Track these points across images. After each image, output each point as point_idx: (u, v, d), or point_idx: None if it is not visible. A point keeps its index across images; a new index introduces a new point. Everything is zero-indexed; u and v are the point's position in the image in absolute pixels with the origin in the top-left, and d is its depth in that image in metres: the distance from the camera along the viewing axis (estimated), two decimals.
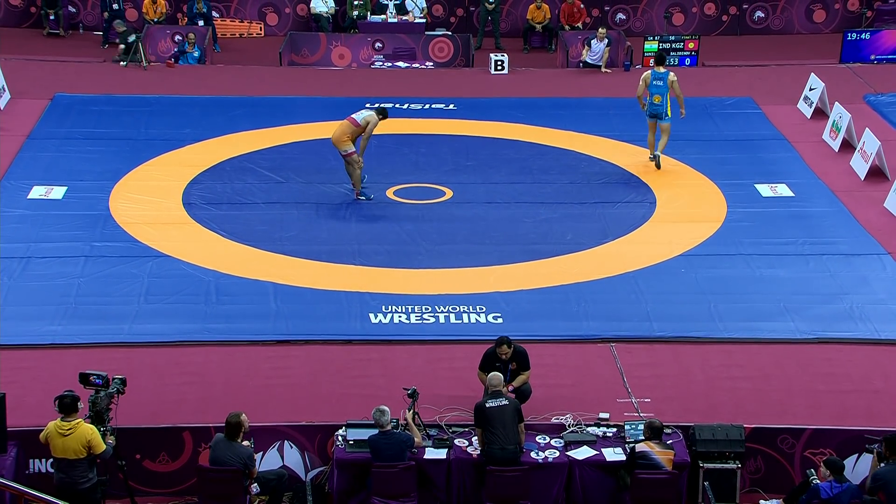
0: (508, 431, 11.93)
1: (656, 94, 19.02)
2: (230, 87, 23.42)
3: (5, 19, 27.67)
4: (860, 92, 23.02)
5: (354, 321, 14.76)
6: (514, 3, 28.04)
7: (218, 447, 11.79)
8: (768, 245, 16.87)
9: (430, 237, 17.14)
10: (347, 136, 17.65)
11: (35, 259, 16.04)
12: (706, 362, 14.05)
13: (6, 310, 14.81)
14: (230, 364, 13.84)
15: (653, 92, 19.08)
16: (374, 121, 17.77)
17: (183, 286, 15.49)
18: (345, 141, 17.64)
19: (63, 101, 22.13)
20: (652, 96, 19.10)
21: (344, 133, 17.66)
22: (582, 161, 19.94)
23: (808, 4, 28.55)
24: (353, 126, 17.73)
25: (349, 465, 12.15)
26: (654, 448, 12.04)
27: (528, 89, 23.73)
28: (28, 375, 13.40)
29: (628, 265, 16.25)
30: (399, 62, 25.74)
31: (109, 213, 17.50)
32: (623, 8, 28.37)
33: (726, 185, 18.85)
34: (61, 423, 11.40)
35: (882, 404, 13.21)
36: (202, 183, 18.73)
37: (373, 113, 17.88)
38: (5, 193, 18.04)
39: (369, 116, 17.78)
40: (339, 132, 17.70)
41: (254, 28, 28.03)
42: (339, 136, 17.68)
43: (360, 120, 17.75)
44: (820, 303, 15.31)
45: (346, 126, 17.73)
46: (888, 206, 17.93)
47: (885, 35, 25.96)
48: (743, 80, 24.21)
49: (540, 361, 13.45)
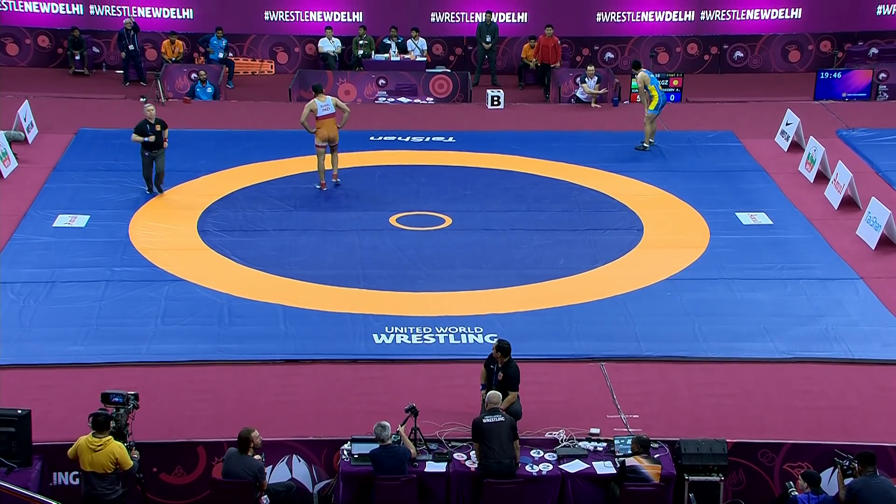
0: (504, 446, 11.89)
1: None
2: (243, 121, 23.43)
3: (34, 60, 27.75)
4: (833, 127, 23.04)
5: (359, 341, 14.71)
6: (510, 42, 28.09)
7: (230, 461, 11.75)
8: (749, 270, 16.83)
9: (430, 262, 17.10)
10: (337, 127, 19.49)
11: (59, 283, 16.01)
12: (691, 380, 14.00)
13: (32, 331, 14.79)
14: (242, 382, 13.78)
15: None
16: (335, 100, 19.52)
17: (197, 308, 15.45)
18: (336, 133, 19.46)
19: (87, 135, 22.13)
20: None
21: (332, 126, 19.32)
22: (573, 190, 19.93)
23: (784, 45, 28.63)
24: (335, 119, 19.36)
25: (354, 477, 12.09)
26: (642, 462, 12.00)
27: (522, 123, 23.74)
28: (52, 393, 13.35)
29: (617, 288, 16.22)
30: (401, 98, 25.76)
31: (129, 240, 17.48)
32: (612, 47, 28.43)
33: (709, 214, 18.83)
34: (92, 438, 11.40)
35: (856, 420, 13.17)
36: (216, 211, 18.71)
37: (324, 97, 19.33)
38: (32, 222, 18.03)
39: (334, 101, 19.43)
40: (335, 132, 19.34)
41: (265, 66, 28.08)
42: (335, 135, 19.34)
43: (333, 109, 19.37)
44: (797, 324, 15.27)
45: (332, 122, 19.30)
46: (860, 233, 17.91)
47: (855, 74, 26.03)
48: (724, 115, 24.23)
49: (534, 379, 13.42)
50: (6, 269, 16.37)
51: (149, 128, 18.72)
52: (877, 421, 13.14)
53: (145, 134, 18.72)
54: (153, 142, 18.72)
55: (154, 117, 18.82)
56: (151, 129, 18.73)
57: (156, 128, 18.75)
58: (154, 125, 18.74)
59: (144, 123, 18.75)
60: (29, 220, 18.05)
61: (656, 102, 21.44)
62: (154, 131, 18.73)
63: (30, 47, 27.76)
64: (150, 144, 18.74)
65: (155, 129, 18.73)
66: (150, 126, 18.74)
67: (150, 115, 18.82)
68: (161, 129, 18.85)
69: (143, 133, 18.73)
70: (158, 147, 18.84)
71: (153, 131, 18.74)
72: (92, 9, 27.92)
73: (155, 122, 18.77)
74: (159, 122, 18.88)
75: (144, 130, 18.72)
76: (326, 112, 19.21)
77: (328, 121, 19.20)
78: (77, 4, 27.92)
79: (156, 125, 18.76)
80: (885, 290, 16.15)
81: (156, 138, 18.75)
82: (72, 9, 27.91)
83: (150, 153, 18.84)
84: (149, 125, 18.73)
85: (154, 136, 18.70)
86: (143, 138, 18.70)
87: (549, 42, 26.13)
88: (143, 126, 18.75)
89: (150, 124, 18.74)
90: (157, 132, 18.77)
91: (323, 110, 19.20)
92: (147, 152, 18.83)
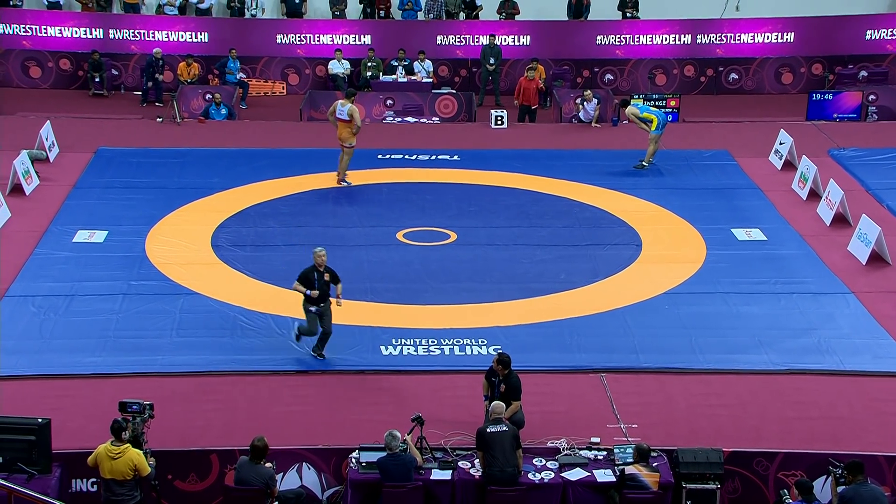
0: (507, 455, 11.85)
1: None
2: (255, 140, 23.44)
3: (56, 82, 27.81)
4: (825, 146, 23.01)
5: (367, 353, 14.69)
6: (513, 64, 28.12)
7: (242, 468, 11.73)
8: (744, 284, 16.80)
9: (436, 276, 17.09)
10: (348, 131, 19.83)
11: (78, 297, 16.01)
12: (688, 391, 13.96)
13: (52, 343, 14.79)
14: (253, 392, 13.77)
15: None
16: (354, 109, 19.79)
17: (211, 321, 15.44)
18: (346, 137, 19.89)
19: (105, 154, 22.14)
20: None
21: (344, 129, 19.86)
22: (574, 207, 19.91)
23: (777, 68, 28.64)
24: (346, 123, 19.76)
25: (362, 485, 12.06)
26: (641, 470, 11.97)
27: (525, 142, 23.74)
28: (71, 402, 13.34)
29: (617, 302, 16.19)
30: (408, 117, 25.79)
31: (145, 255, 17.48)
32: (611, 69, 28.46)
33: (705, 230, 18.81)
34: (111, 446, 11.40)
35: (846, 430, 13.14)
36: (229, 227, 18.71)
37: (346, 103, 19.91)
38: (53, 237, 18.04)
39: (350, 110, 19.74)
40: (346, 133, 19.85)
41: (277, 87, 28.13)
42: (347, 136, 19.89)
43: (346, 114, 19.74)
44: (791, 337, 15.24)
45: (343, 125, 19.86)
46: (851, 249, 17.87)
47: (845, 96, 26.01)
48: (719, 134, 24.21)
49: (536, 390, 13.39)
50: (28, 283, 16.39)
51: (316, 277, 14.28)
52: (867, 431, 13.10)
53: (310, 285, 14.20)
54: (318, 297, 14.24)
55: (324, 264, 14.30)
56: (319, 280, 14.27)
57: (325, 277, 14.31)
58: (323, 273, 14.29)
59: (312, 270, 14.25)
60: (50, 236, 18.06)
61: (656, 123, 21.48)
62: (322, 282, 14.27)
63: (52, 70, 27.83)
64: (316, 299, 14.28)
65: (324, 279, 14.29)
66: (319, 274, 14.29)
67: (319, 262, 14.29)
68: (331, 280, 14.34)
69: (307, 283, 14.20)
70: (325, 300, 14.35)
71: (321, 282, 14.27)
72: (111, 33, 27.98)
73: (324, 269, 14.33)
74: (329, 270, 14.33)
75: (310, 280, 14.24)
76: (341, 116, 19.94)
77: (340, 124, 19.97)
78: (97, 29, 27.98)
79: (324, 273, 14.30)
80: (875, 304, 16.12)
81: (322, 291, 14.25)
82: (92, 33, 27.96)
83: (317, 308, 14.31)
84: (316, 273, 14.28)
85: (319, 291, 14.22)
86: (306, 291, 14.19)
87: (530, 85, 25.30)
88: (308, 274, 14.26)
89: (319, 272, 14.30)
90: (326, 282, 14.29)
91: (339, 113, 19.95)
92: (313, 307, 14.32)
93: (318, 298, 14.23)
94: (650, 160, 21.66)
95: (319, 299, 14.23)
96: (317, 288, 14.16)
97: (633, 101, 23.11)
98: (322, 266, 14.27)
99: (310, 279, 14.20)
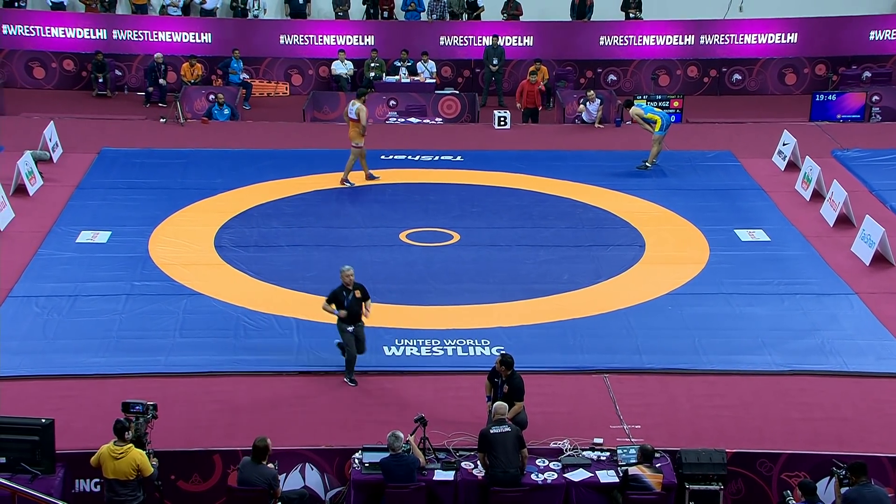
0: (510, 455, 11.83)
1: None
2: (258, 141, 23.43)
3: (60, 83, 27.84)
4: (828, 147, 22.98)
5: (370, 354, 14.62)
6: (516, 65, 28.10)
7: (245, 469, 11.72)
8: (747, 285, 16.77)
9: (439, 277, 17.07)
10: (355, 131, 19.95)
11: (82, 297, 16.00)
12: (691, 392, 13.93)
13: (56, 343, 14.79)
14: (256, 393, 13.75)
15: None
16: (362, 108, 19.84)
17: (214, 321, 15.43)
18: (354, 137, 19.99)
19: (109, 154, 22.14)
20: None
21: (352, 129, 20.01)
22: (577, 208, 19.89)
23: (781, 69, 28.61)
24: (355, 123, 19.86)
25: (365, 485, 12.04)
26: (645, 471, 11.94)
27: (528, 143, 23.72)
28: (74, 403, 13.33)
29: (620, 303, 16.16)
30: (411, 118, 25.78)
31: (148, 256, 17.47)
32: (615, 70, 28.44)
33: (708, 231, 18.78)
34: (114, 447, 11.41)
35: (850, 431, 13.10)
36: (232, 227, 18.70)
37: (356, 101, 19.98)
38: (56, 238, 18.03)
39: (358, 109, 19.82)
40: (354, 133, 19.99)
41: (280, 88, 28.13)
42: (354, 135, 19.99)
43: (353, 114, 19.87)
44: (794, 338, 15.20)
45: (352, 124, 19.99)
46: (855, 250, 17.84)
47: (849, 97, 25.97)
48: (723, 135, 24.18)
49: (539, 391, 13.37)
50: (32, 283, 16.39)
51: (345, 295, 13.78)
52: (871, 432, 13.07)
53: (340, 304, 13.75)
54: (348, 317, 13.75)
55: (353, 282, 13.76)
56: (348, 298, 13.78)
57: (355, 294, 13.78)
58: (352, 291, 13.76)
59: (341, 290, 13.77)
60: (53, 236, 18.06)
61: (660, 124, 21.45)
62: (352, 301, 13.77)
63: (55, 71, 27.85)
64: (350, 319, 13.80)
65: (354, 296, 13.78)
66: (348, 292, 13.78)
67: (347, 280, 13.73)
68: (363, 297, 13.86)
69: (338, 303, 13.76)
70: (358, 319, 13.89)
71: (350, 302, 13.78)
72: (115, 34, 28.02)
73: (353, 287, 13.80)
74: (359, 287, 13.83)
75: (340, 300, 13.78)
76: (350, 115, 20.14)
77: (350, 123, 20.21)
78: (101, 30, 28.02)
79: (354, 291, 13.77)
80: (879, 305, 16.08)
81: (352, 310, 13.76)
82: (95, 34, 28.00)
83: (354, 327, 13.86)
84: (345, 292, 13.77)
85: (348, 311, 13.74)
86: (334, 311, 13.79)
87: (532, 88, 25.14)
88: (338, 294, 13.80)
89: (348, 290, 13.77)
90: (357, 300, 13.79)
91: (350, 112, 20.20)
92: (350, 327, 13.83)
93: (352, 318, 13.76)
94: (653, 161, 21.63)
95: (353, 319, 13.77)
96: (346, 307, 13.71)
97: (637, 102, 23.08)
98: (351, 284, 13.76)
99: (339, 299, 13.74)
